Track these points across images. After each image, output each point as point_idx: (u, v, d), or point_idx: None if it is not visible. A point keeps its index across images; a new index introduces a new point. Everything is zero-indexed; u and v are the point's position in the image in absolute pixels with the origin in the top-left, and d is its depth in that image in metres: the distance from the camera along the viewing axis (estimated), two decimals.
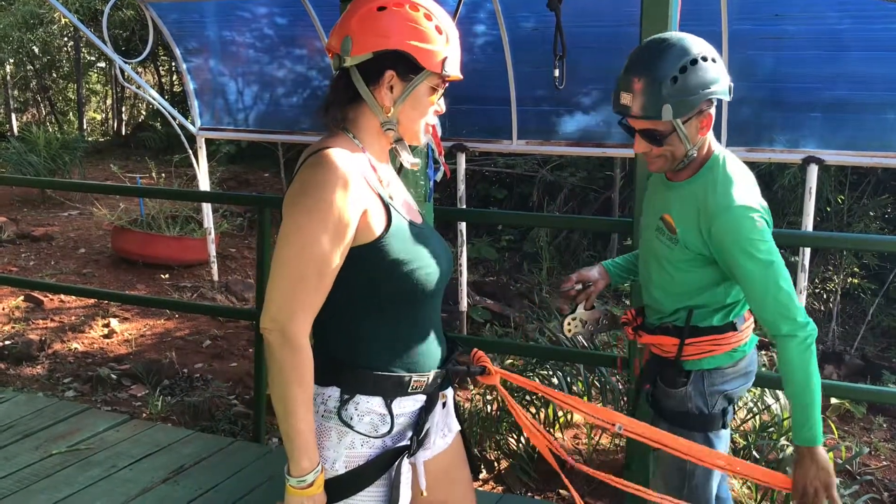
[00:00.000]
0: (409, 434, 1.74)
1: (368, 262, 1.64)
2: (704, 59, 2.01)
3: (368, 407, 1.68)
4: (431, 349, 1.78)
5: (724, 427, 2.24)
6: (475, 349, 2.01)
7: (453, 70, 1.70)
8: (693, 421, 2.22)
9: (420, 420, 1.75)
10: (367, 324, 1.70)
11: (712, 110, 2.07)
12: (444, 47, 1.66)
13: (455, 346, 1.90)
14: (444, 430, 1.89)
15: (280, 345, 1.56)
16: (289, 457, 1.60)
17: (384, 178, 1.73)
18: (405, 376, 1.71)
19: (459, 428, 1.96)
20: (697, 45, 2.04)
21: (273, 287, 1.58)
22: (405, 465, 1.71)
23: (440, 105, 1.76)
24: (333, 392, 1.68)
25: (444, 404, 1.85)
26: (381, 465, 1.70)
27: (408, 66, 1.65)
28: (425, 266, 1.69)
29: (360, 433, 1.67)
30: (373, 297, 1.67)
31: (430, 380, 1.76)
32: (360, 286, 1.66)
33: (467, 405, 4.40)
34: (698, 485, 2.24)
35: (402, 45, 1.62)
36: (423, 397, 1.76)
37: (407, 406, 1.74)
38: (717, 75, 2.03)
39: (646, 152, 2.14)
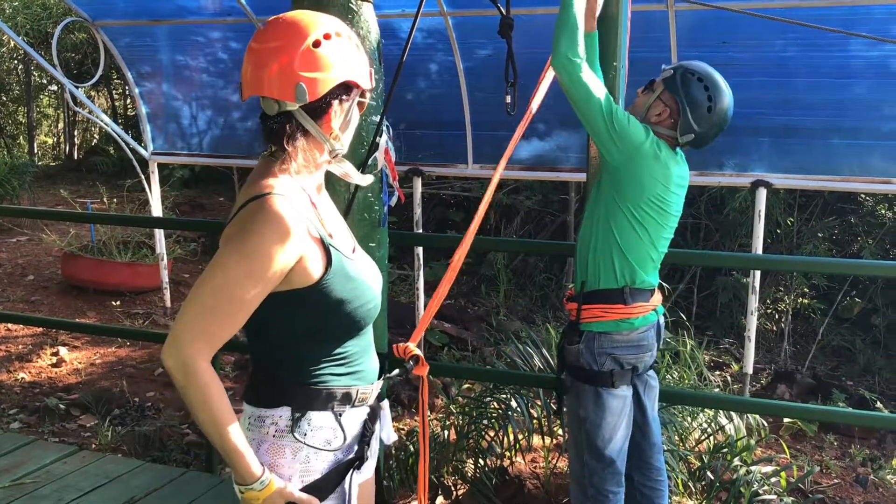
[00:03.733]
0: (355, 447, 1.82)
1: (309, 303, 1.67)
2: (709, 98, 2.68)
3: (321, 422, 1.75)
4: (371, 363, 1.88)
5: (613, 385, 2.64)
6: (395, 345, 2.03)
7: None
8: (584, 375, 2.67)
9: (366, 431, 1.85)
10: (314, 349, 1.75)
11: (670, 118, 2.68)
12: (367, 63, 1.74)
13: (385, 360, 2.01)
14: (374, 449, 1.96)
15: (184, 372, 1.56)
16: (234, 472, 1.66)
17: (323, 215, 1.75)
18: (352, 389, 1.79)
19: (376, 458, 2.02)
20: None
21: (183, 313, 1.58)
22: (356, 478, 1.82)
23: None
24: (284, 412, 1.73)
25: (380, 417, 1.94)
26: (335, 479, 1.77)
27: (345, 90, 1.70)
28: (367, 301, 1.77)
29: (315, 447, 1.74)
30: (318, 331, 1.73)
31: (373, 391, 1.86)
32: (304, 324, 1.71)
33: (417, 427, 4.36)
34: (591, 429, 2.68)
35: (345, 76, 1.67)
36: (366, 409, 1.86)
37: (356, 418, 1.83)
38: (700, 114, 2.70)
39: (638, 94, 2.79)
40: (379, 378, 1.91)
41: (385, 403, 1.98)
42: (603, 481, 2.71)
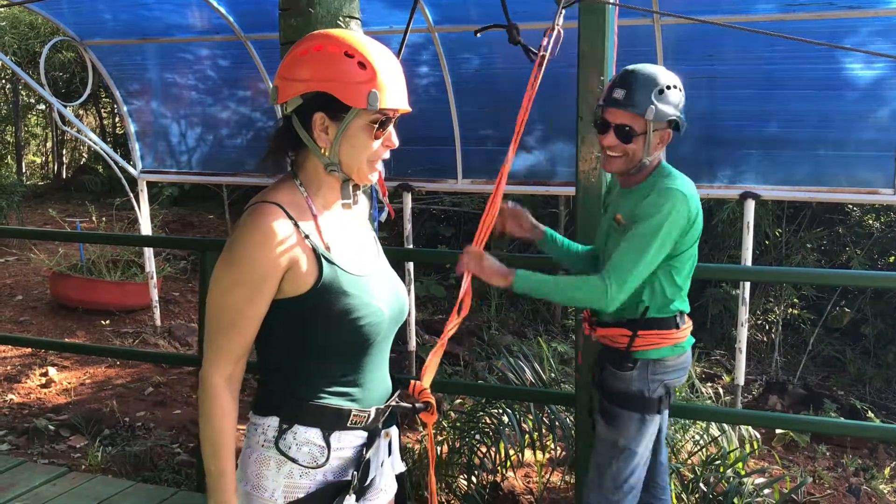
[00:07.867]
0: (351, 470, 1.73)
1: (299, 313, 1.67)
2: (679, 90, 2.46)
3: (306, 437, 1.70)
4: (374, 386, 1.79)
5: (658, 412, 2.59)
6: (414, 382, 1.96)
7: (389, 102, 1.66)
8: (633, 401, 2.57)
9: (361, 456, 1.75)
10: (309, 362, 1.72)
11: (670, 132, 2.50)
12: (369, 82, 1.63)
13: (399, 386, 1.91)
14: (388, 483, 1.89)
15: (200, 386, 1.68)
16: (210, 495, 1.70)
17: (326, 227, 1.73)
18: (345, 409, 1.72)
19: (395, 489, 1.94)
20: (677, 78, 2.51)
21: (204, 333, 1.72)
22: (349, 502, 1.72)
23: (391, 140, 1.75)
24: (272, 422, 1.72)
25: (389, 445, 1.85)
26: (323, 499, 1.70)
27: (336, 106, 1.64)
28: (365, 317, 1.70)
29: (299, 463, 1.70)
30: (311, 343, 1.70)
31: (371, 416, 1.77)
32: (297, 334, 1.70)
33: (416, 447, 4.35)
34: (626, 457, 2.57)
35: (321, 86, 1.63)
36: (364, 433, 1.77)
37: (348, 441, 1.74)
38: (682, 106, 2.48)
39: (611, 147, 2.49)
40: (387, 401, 1.83)
41: (394, 431, 1.89)
42: None
